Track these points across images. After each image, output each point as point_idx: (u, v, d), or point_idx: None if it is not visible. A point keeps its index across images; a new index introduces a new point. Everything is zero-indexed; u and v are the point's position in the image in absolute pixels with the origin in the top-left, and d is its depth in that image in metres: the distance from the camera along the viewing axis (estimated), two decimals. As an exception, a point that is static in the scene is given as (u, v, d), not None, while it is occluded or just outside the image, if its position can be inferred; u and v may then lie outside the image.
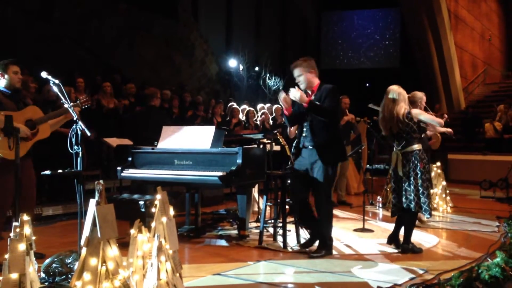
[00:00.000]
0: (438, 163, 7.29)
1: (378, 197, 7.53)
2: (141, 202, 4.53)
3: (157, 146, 5.44)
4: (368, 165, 9.10)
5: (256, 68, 16.88)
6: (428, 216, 4.63)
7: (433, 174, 6.82)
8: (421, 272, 3.92)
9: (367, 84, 19.26)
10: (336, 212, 7.10)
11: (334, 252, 4.63)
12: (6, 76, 4.21)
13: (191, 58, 15.22)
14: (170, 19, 14.23)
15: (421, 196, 4.50)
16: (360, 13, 20.87)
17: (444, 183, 7.25)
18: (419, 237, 5.31)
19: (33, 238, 2.62)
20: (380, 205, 7.43)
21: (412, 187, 4.50)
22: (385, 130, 4.67)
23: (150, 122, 6.48)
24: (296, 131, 4.91)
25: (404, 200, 4.56)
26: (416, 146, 4.57)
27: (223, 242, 5.09)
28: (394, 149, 4.68)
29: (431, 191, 5.22)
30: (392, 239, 4.77)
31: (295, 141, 4.72)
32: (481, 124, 13.25)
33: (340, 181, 7.84)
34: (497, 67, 23.99)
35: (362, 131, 8.79)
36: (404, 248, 4.62)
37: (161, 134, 5.46)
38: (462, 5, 20.05)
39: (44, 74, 4.00)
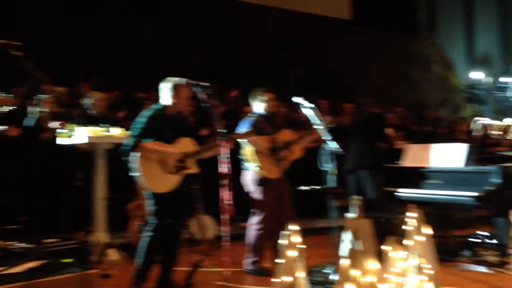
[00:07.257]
0: None
1: None
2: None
3: (401, 164, 5.35)
4: None
5: (506, 80, 15.09)
6: None
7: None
8: None
9: None
10: None
11: None
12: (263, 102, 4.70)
13: (428, 73, 14.62)
14: (402, 34, 14.01)
15: None
16: None
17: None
18: None
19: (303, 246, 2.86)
20: None
21: None
22: None
23: None
24: None
25: None
26: None
27: (481, 268, 4.69)
28: None
29: None
30: None
31: None
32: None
33: None
34: None
35: None
36: None
37: (405, 152, 5.39)
38: None
39: (297, 99, 4.29)
